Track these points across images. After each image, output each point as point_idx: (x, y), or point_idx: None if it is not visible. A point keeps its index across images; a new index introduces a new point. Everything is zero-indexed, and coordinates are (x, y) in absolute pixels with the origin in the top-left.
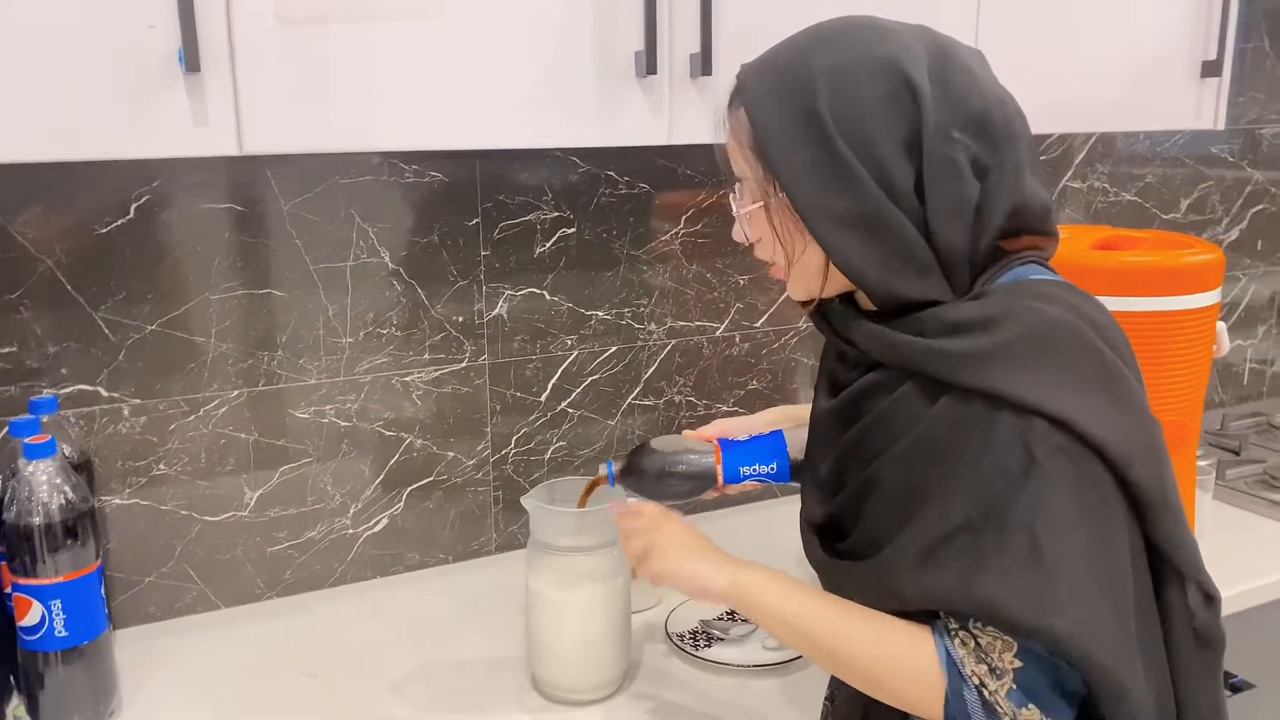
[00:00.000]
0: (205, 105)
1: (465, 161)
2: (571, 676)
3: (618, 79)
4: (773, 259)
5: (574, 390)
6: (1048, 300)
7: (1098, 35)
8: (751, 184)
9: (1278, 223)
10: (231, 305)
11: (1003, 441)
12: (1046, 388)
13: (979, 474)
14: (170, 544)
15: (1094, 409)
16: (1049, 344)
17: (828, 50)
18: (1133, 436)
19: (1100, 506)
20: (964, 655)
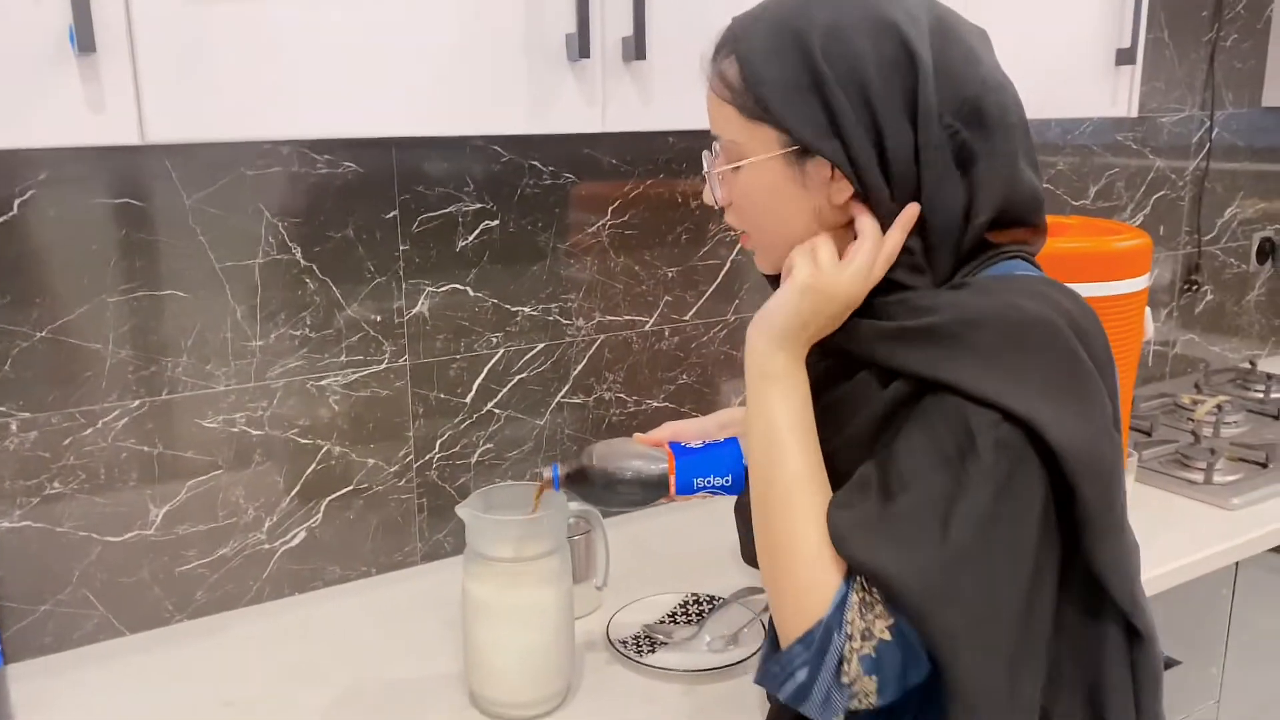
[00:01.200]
0: (101, 90)
1: (381, 151)
2: (514, 691)
3: (548, 63)
4: (743, 225)
5: (500, 390)
6: (1031, 297)
7: (1017, 24)
8: (730, 141)
9: (1177, 209)
10: (130, 308)
11: (948, 424)
12: (1008, 384)
13: (914, 448)
14: (68, 568)
15: (1058, 415)
16: (1020, 342)
17: (828, 6)
18: (1091, 451)
19: (1020, 517)
20: (855, 602)
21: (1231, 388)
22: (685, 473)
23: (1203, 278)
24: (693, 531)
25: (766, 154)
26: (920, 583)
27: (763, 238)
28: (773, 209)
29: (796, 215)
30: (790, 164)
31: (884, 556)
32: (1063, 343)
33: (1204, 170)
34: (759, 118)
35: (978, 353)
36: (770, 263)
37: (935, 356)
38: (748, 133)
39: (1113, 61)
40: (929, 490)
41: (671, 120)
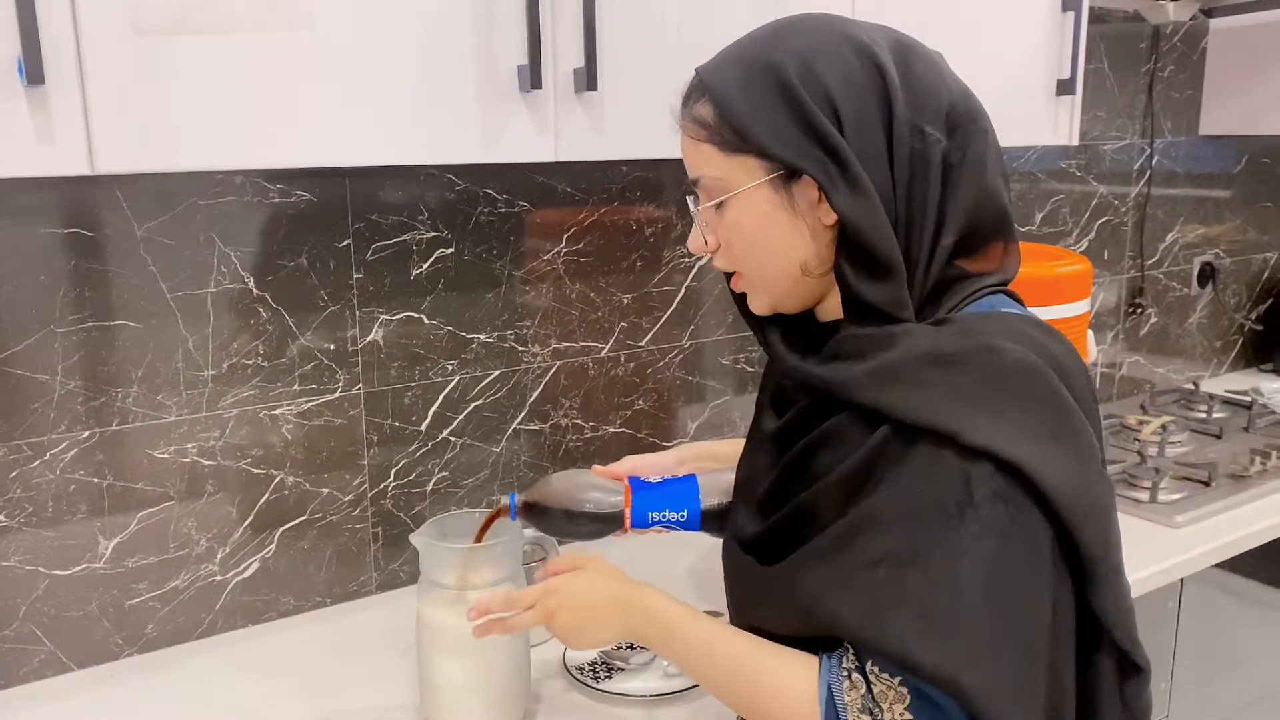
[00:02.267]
0: (50, 120)
1: (334, 180)
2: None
3: (500, 94)
4: (735, 265)
5: (456, 417)
6: (1016, 339)
7: (961, 56)
8: (713, 179)
9: (1120, 234)
10: (79, 339)
11: (943, 478)
12: (1000, 432)
13: (912, 507)
14: (13, 603)
15: (1048, 459)
16: (1009, 387)
17: (792, 36)
18: (1085, 493)
19: (1029, 562)
20: (849, 701)
21: (1176, 408)
22: (641, 506)
23: (1147, 301)
24: (648, 556)
25: (752, 182)
26: (944, 656)
27: (757, 273)
28: (764, 239)
29: (790, 242)
30: (777, 189)
31: (899, 631)
32: (1047, 386)
33: (1145, 196)
34: (739, 149)
35: (965, 398)
36: (766, 302)
37: (921, 401)
38: (729, 166)
39: (1054, 91)
40: (933, 555)
41: (624, 149)
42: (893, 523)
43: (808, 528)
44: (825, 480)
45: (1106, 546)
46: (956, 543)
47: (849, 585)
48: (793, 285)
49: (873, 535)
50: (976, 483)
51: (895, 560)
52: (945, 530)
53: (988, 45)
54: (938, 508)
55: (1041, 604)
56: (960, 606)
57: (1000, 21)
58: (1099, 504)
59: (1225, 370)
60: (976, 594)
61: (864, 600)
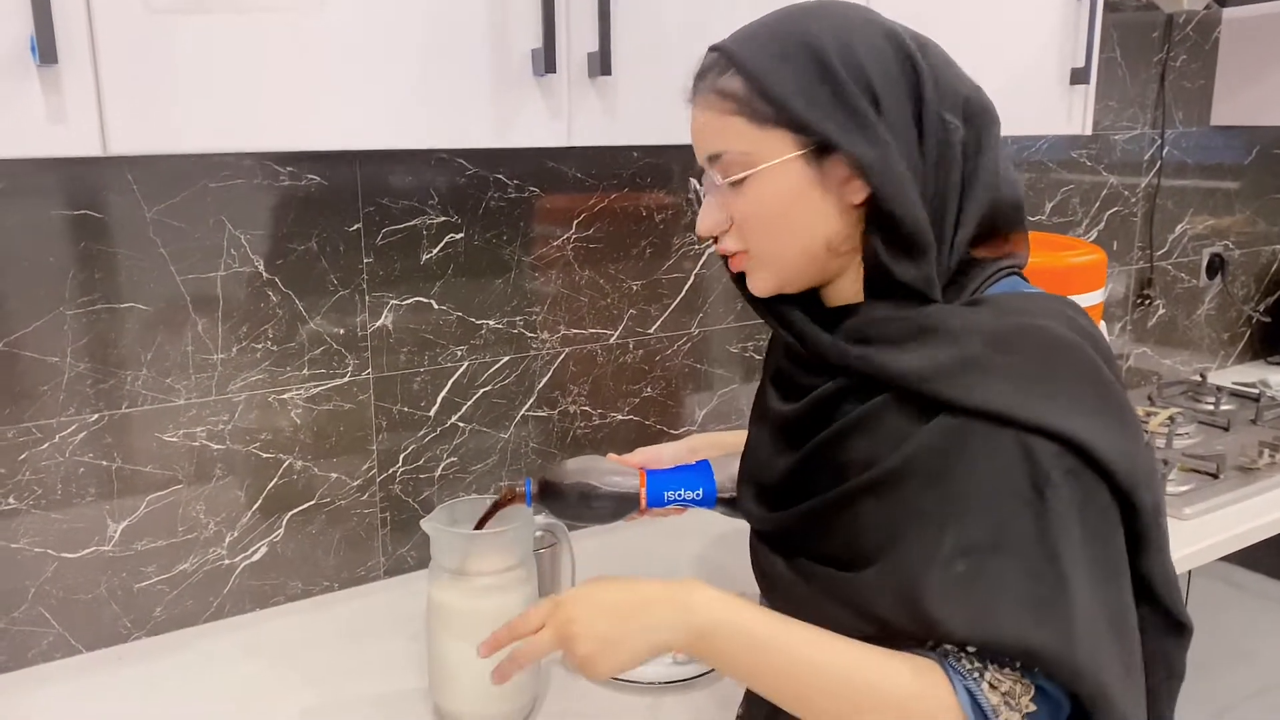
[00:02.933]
0: (63, 100)
1: (344, 164)
2: (479, 705)
3: (514, 78)
4: (746, 244)
5: (464, 403)
6: (1051, 316)
7: (974, 44)
8: (741, 153)
9: (1130, 225)
10: (89, 321)
11: (1011, 462)
12: (1054, 409)
13: (988, 496)
14: (22, 585)
15: (1102, 431)
16: (1055, 363)
17: (824, 17)
18: (1138, 460)
19: (1107, 534)
20: (997, 703)
21: (1183, 400)
22: (656, 486)
23: (1155, 292)
24: (655, 545)
25: (782, 156)
26: (1067, 644)
27: (772, 251)
28: (788, 216)
29: (815, 220)
30: (809, 164)
31: (1015, 625)
32: (1090, 361)
33: (1155, 187)
34: (771, 121)
35: (1017, 381)
36: (771, 282)
37: (978, 387)
38: (759, 140)
39: (1068, 80)
40: (1021, 539)
41: (637, 135)
42: (963, 514)
43: (848, 517)
44: (873, 471)
45: (1158, 512)
46: (1043, 523)
47: (932, 588)
48: (808, 264)
49: (940, 531)
50: (1048, 462)
51: (978, 552)
52: (1029, 513)
53: (1002, 33)
54: (1015, 493)
55: (1122, 573)
56: (1063, 586)
57: (1014, 9)
58: (1149, 472)
59: (1233, 362)
60: (1074, 571)
61: (961, 599)
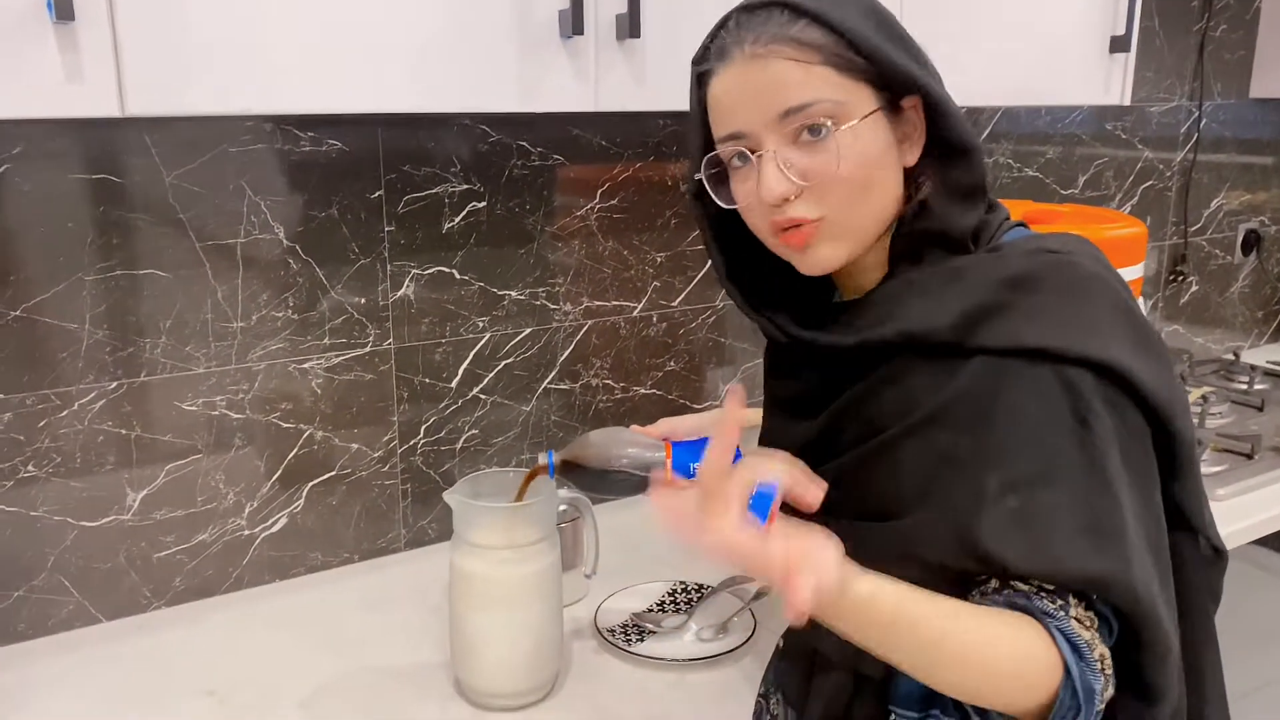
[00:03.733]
0: (80, 59)
1: (367, 129)
2: (503, 680)
3: (540, 40)
4: (824, 208)
5: (486, 375)
6: (1076, 252)
7: (1011, 10)
8: (833, 102)
9: (1164, 199)
10: (108, 288)
11: (1053, 395)
12: (1091, 339)
13: (1032, 430)
14: (42, 553)
15: (1139, 360)
16: (1088, 297)
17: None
18: (1172, 388)
19: (1143, 460)
20: (1090, 638)
21: (1215, 379)
22: (681, 458)
23: (1188, 269)
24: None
25: (871, 108)
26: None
27: (851, 213)
28: (872, 176)
29: (888, 180)
30: (888, 118)
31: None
32: (1118, 293)
33: (1191, 161)
34: (859, 72)
35: (1049, 314)
36: (843, 252)
37: (1012, 326)
38: (847, 90)
39: (1106, 49)
40: (1068, 469)
41: (664, 100)
42: (1006, 452)
43: (884, 468)
44: (907, 421)
45: (1193, 437)
46: (1091, 452)
47: (997, 521)
48: (875, 231)
49: (982, 471)
50: (1088, 392)
51: (1027, 486)
52: (1074, 443)
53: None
54: (1060, 424)
55: (1156, 497)
56: (1117, 512)
57: None
58: (1183, 399)
59: (1267, 341)
60: (1121, 497)
61: (1020, 532)
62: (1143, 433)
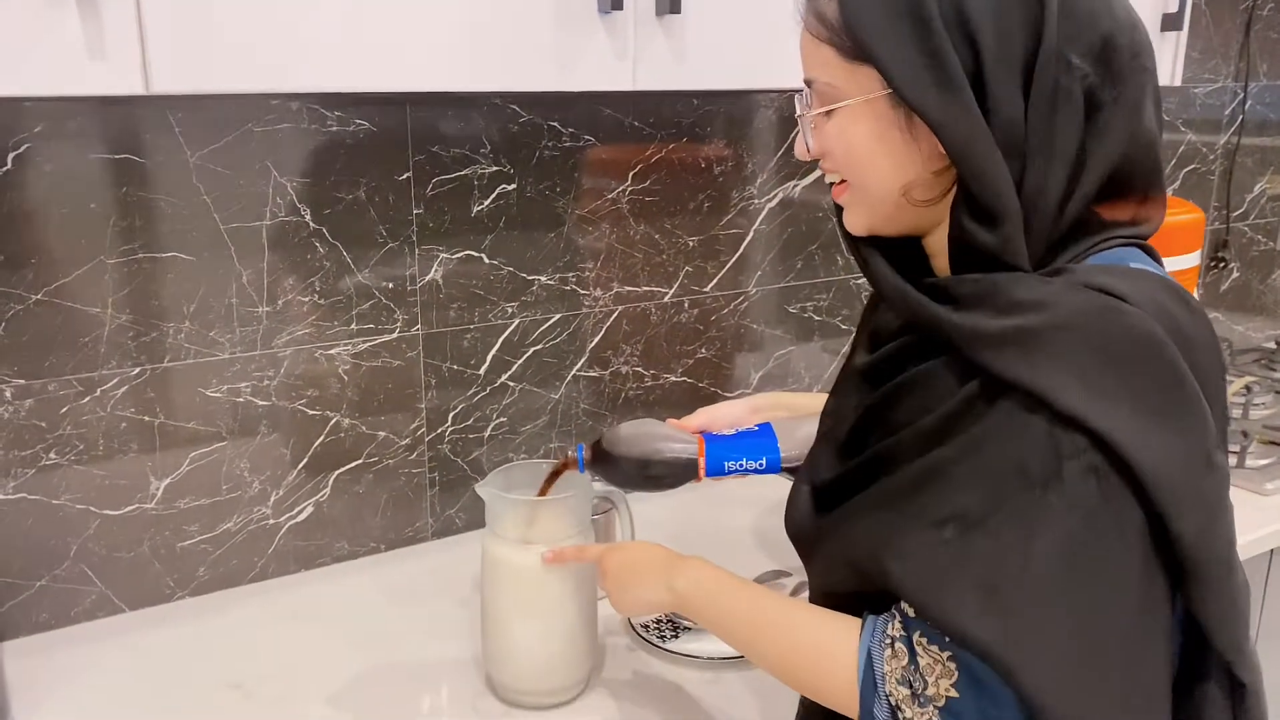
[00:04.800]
0: (102, 34)
1: (395, 109)
2: (536, 678)
3: (577, 16)
4: (841, 173)
5: (515, 361)
6: (1142, 301)
7: None
8: (827, 84)
9: (1206, 183)
10: (131, 271)
11: (1030, 442)
12: (1094, 401)
13: (992, 466)
14: (64, 542)
15: (1149, 438)
16: (1117, 354)
17: None
18: (1188, 479)
19: (1115, 548)
20: (888, 671)
21: (1257, 368)
22: (716, 456)
23: (1230, 255)
24: (712, 513)
25: (867, 95)
26: (1002, 639)
27: (864, 189)
28: (870, 155)
29: (898, 165)
30: (895, 106)
31: (954, 601)
32: (1164, 358)
33: (1235, 144)
34: (860, 58)
35: (1067, 363)
36: (863, 221)
37: (1020, 360)
38: (847, 74)
39: (1158, 26)
40: (1007, 522)
41: (705, 79)
42: (965, 479)
43: (885, 470)
44: (906, 430)
45: (1211, 541)
46: (1035, 513)
47: (908, 542)
48: (894, 209)
49: (942, 490)
50: (1067, 453)
51: (964, 521)
52: (1025, 497)
53: None
54: (1020, 472)
55: (1123, 596)
56: (1029, 583)
57: None
58: (1204, 494)
59: None
60: (1049, 572)
61: (924, 562)
62: (1129, 516)
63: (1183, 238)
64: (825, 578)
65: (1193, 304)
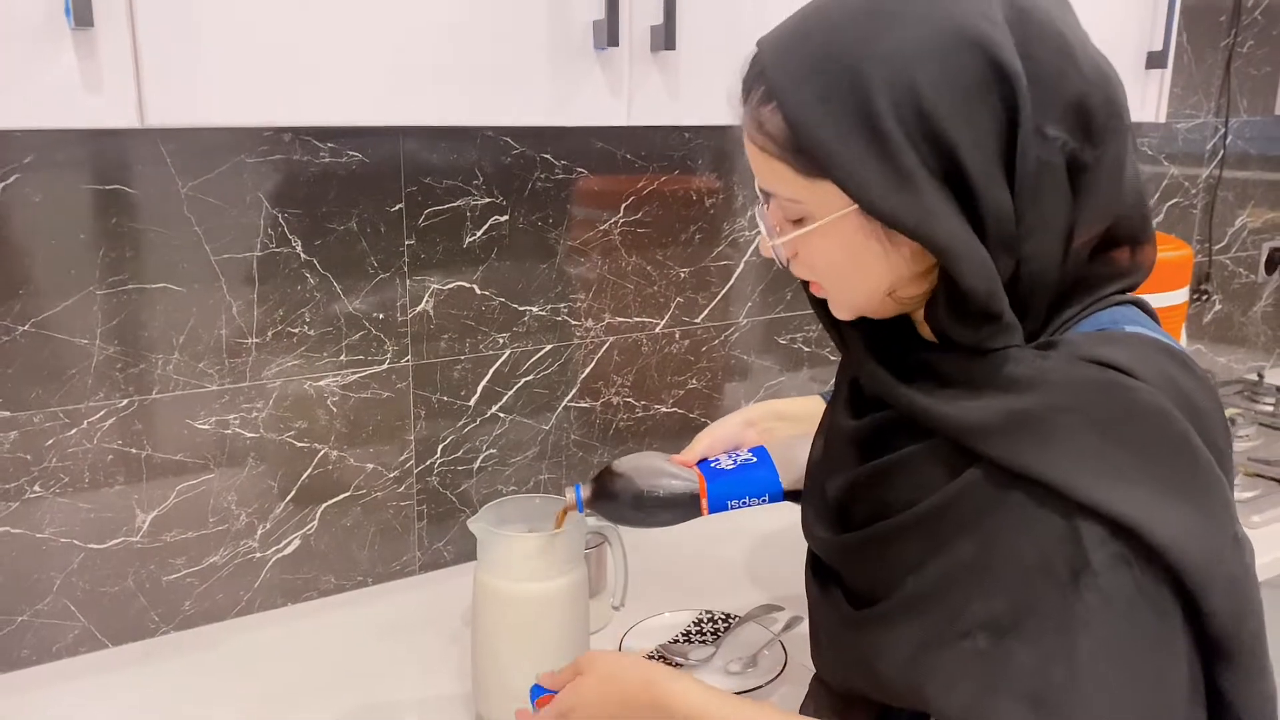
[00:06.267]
0: (99, 67)
1: (387, 140)
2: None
3: (573, 51)
4: (813, 278)
5: (505, 393)
6: (1144, 372)
7: None
8: (789, 200)
9: (1189, 217)
10: (120, 302)
11: (1051, 536)
12: (1110, 486)
13: (1013, 565)
14: (48, 576)
15: (1169, 518)
16: (1129, 433)
17: (880, 23)
18: (1216, 557)
19: (1161, 637)
20: None
21: (1240, 400)
22: (717, 495)
23: (1212, 287)
24: (704, 547)
25: (836, 213)
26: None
27: (843, 295)
28: (850, 266)
29: (882, 270)
30: (869, 219)
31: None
32: (1176, 431)
33: (1217, 178)
34: (819, 173)
35: (1077, 448)
36: (849, 313)
37: (1027, 449)
38: (808, 190)
39: (1143, 65)
40: (1043, 625)
41: (699, 115)
42: (989, 583)
43: (879, 553)
44: (903, 515)
45: (1241, 620)
46: (1071, 613)
47: (942, 660)
48: (882, 304)
49: (965, 596)
50: (1091, 544)
51: (996, 629)
52: (1057, 597)
53: (1077, 13)
54: (1045, 571)
55: (1175, 687)
56: (1079, 687)
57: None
58: (1230, 571)
59: None
60: (1099, 674)
61: (962, 679)
62: (1165, 601)
63: (1171, 274)
64: (842, 678)
65: (1197, 371)
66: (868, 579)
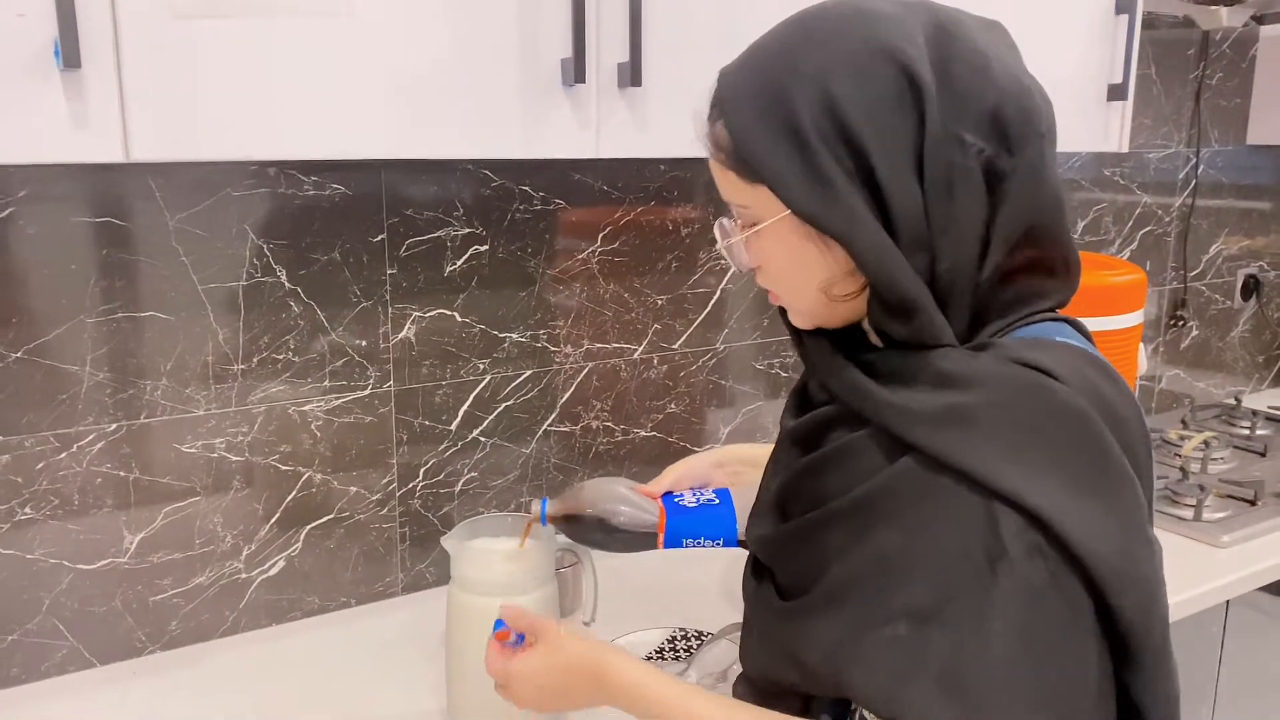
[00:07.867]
0: (86, 106)
1: (369, 173)
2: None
3: (542, 88)
4: (771, 286)
5: (486, 417)
6: (1067, 376)
7: None
8: (741, 206)
9: (1163, 245)
10: (109, 330)
11: (971, 528)
12: (1029, 479)
13: (936, 552)
14: (37, 597)
15: (1082, 515)
16: (1047, 431)
17: (809, 46)
18: (1125, 555)
19: (1071, 627)
20: None
21: (1217, 423)
22: (675, 531)
23: (1188, 313)
24: (677, 564)
25: (776, 216)
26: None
27: (793, 297)
28: (793, 267)
29: (820, 270)
30: (801, 221)
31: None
32: (1092, 433)
33: (1190, 207)
34: (757, 180)
35: (1001, 442)
36: (806, 321)
37: (956, 440)
38: (752, 196)
39: (1104, 97)
40: (959, 610)
41: (666, 147)
42: (912, 570)
43: (811, 545)
44: (841, 500)
45: (1149, 620)
46: (988, 600)
47: (862, 643)
48: (829, 308)
49: (889, 583)
50: (1009, 534)
51: (916, 616)
52: (975, 584)
53: (1038, 47)
54: (965, 557)
55: (1083, 676)
56: (992, 674)
57: (1051, 23)
58: (1140, 571)
59: (1268, 385)
60: (1011, 660)
61: (881, 663)
62: (1077, 596)
63: (1125, 297)
64: (767, 670)
65: (1118, 380)
66: (798, 571)
